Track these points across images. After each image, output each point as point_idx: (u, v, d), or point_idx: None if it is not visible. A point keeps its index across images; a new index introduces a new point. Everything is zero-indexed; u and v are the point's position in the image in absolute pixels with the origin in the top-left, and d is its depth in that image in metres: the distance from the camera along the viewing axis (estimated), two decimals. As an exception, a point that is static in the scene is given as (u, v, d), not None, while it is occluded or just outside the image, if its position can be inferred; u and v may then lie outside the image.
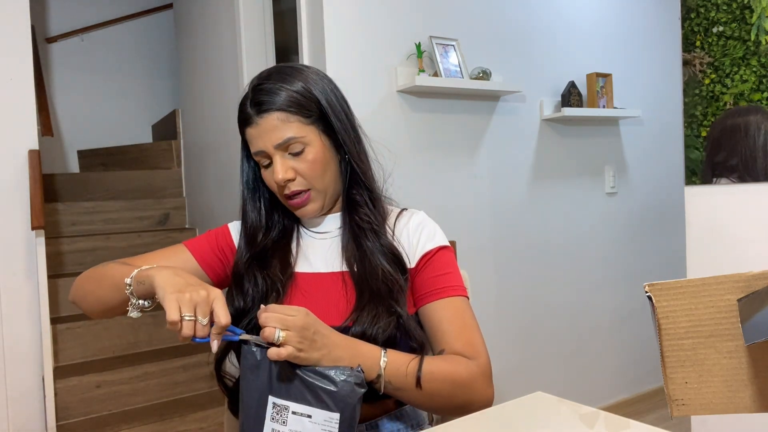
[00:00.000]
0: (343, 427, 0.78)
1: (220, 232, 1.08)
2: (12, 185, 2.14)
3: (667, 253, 2.97)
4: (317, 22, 2.04)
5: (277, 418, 0.81)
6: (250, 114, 0.94)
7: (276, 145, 0.93)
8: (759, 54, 1.49)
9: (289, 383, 0.81)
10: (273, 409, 0.81)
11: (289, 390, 0.81)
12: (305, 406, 0.80)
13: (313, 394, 0.79)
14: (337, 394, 0.78)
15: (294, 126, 0.93)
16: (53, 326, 2.43)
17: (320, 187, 0.97)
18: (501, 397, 0.90)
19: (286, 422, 0.80)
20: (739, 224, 1.55)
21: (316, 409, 0.79)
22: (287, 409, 0.81)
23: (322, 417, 0.79)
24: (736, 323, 0.61)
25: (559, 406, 0.85)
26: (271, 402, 0.81)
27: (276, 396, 0.81)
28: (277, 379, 0.81)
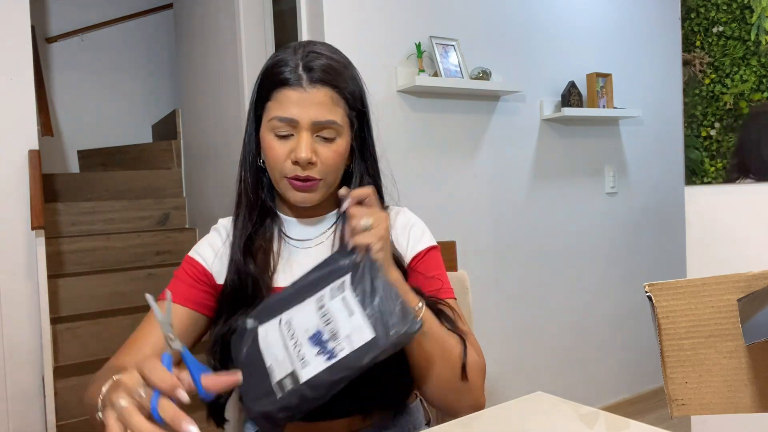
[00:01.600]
0: (364, 351, 0.72)
1: (187, 266, 0.96)
2: (12, 185, 2.14)
3: (667, 253, 2.97)
4: (317, 22, 2.04)
5: (333, 292, 0.78)
6: (300, 76, 0.85)
7: (315, 122, 0.86)
8: (759, 54, 1.49)
9: (370, 277, 0.77)
10: (338, 285, 0.78)
11: (359, 281, 0.77)
12: (357, 302, 0.76)
13: (371, 303, 0.75)
14: (390, 321, 0.73)
15: (340, 112, 0.88)
16: (53, 326, 2.43)
17: (330, 181, 0.91)
18: (501, 397, 0.90)
19: (334, 300, 0.77)
20: (739, 224, 1.55)
21: (362, 314, 0.75)
22: (343, 293, 0.77)
23: (359, 324, 0.74)
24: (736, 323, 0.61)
25: (559, 406, 0.85)
26: (342, 279, 0.78)
27: (347, 277, 0.78)
28: (359, 268, 0.78)
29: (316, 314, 0.77)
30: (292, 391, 0.74)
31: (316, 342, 0.75)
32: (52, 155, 4.09)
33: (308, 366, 0.75)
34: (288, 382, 0.75)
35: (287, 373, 0.76)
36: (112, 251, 3.10)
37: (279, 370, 0.76)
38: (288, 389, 0.75)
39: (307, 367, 0.75)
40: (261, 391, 0.76)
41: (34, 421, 2.14)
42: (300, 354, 0.76)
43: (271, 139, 0.88)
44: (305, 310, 0.79)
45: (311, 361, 0.75)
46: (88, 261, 3.03)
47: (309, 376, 0.74)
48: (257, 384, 0.77)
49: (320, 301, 0.78)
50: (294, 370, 0.75)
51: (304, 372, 0.75)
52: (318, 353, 0.74)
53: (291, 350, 0.76)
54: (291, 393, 0.74)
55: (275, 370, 0.77)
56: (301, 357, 0.75)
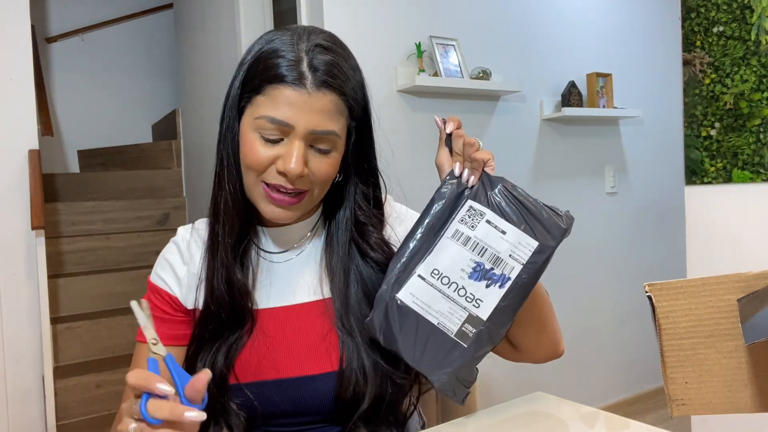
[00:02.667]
0: (536, 259, 0.71)
1: (154, 296, 0.87)
2: (12, 185, 2.14)
3: (667, 253, 2.97)
4: (317, 22, 2.04)
5: (468, 221, 0.73)
6: (303, 75, 0.72)
7: (313, 131, 0.73)
8: (759, 54, 1.49)
9: (503, 201, 0.73)
10: (467, 212, 0.73)
11: (493, 199, 0.73)
12: (503, 220, 0.72)
13: (517, 216, 0.72)
14: (546, 223, 0.72)
15: (342, 122, 0.76)
16: (53, 326, 2.43)
17: (317, 196, 0.79)
18: (501, 397, 0.90)
19: (475, 227, 0.73)
20: (739, 224, 1.55)
21: (514, 227, 0.72)
22: (482, 216, 0.73)
23: (517, 238, 0.71)
24: (736, 323, 0.61)
25: (559, 406, 0.85)
26: (468, 205, 0.74)
27: (476, 201, 0.73)
28: (484, 186, 0.74)
29: (464, 249, 0.73)
30: (478, 334, 0.72)
31: (480, 276, 0.72)
32: (52, 155, 4.09)
33: (483, 302, 0.72)
34: (470, 328, 0.72)
35: (464, 319, 0.72)
36: (112, 251, 3.10)
37: (452, 322, 0.73)
38: (473, 333, 0.72)
39: (483, 304, 0.72)
40: (442, 353, 0.73)
41: (34, 421, 2.14)
42: (468, 295, 0.73)
43: (254, 139, 0.74)
44: (447, 251, 0.74)
45: (484, 297, 0.72)
46: (88, 261, 3.03)
47: (490, 311, 0.72)
48: (434, 348, 0.73)
49: (458, 235, 0.74)
50: (470, 313, 0.72)
51: (482, 310, 0.72)
52: (488, 285, 0.72)
53: (455, 297, 0.73)
54: (478, 336, 0.72)
55: (447, 324, 0.73)
56: (470, 298, 0.72)
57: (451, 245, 0.73)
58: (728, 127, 1.56)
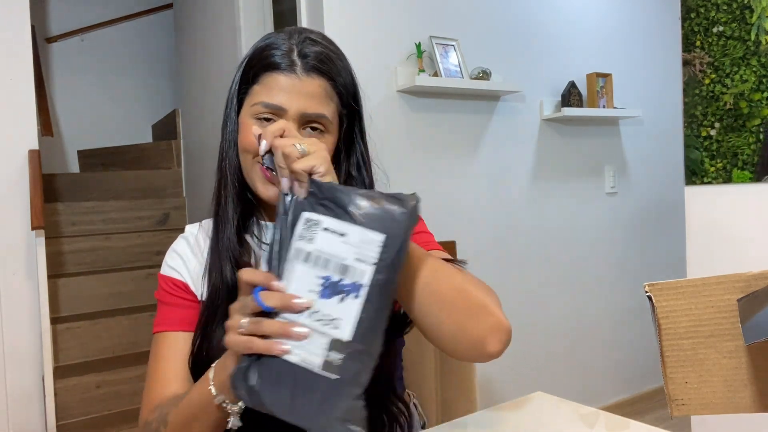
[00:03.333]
0: (387, 253, 0.62)
1: (167, 286, 0.89)
2: (12, 185, 2.14)
3: (667, 253, 2.97)
4: (317, 23, 2.04)
5: (305, 235, 0.65)
6: (293, 62, 0.78)
7: (305, 113, 0.78)
8: (759, 54, 1.49)
9: (331, 196, 0.66)
10: (304, 226, 0.66)
11: (327, 205, 0.66)
12: (341, 222, 0.64)
13: (355, 211, 0.64)
14: (387, 212, 0.64)
15: (331, 107, 0.81)
16: (53, 326, 2.43)
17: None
18: (501, 397, 0.90)
19: (314, 239, 0.65)
20: (739, 224, 1.55)
21: (353, 226, 0.63)
22: (318, 224, 0.65)
23: (359, 237, 0.63)
24: (736, 323, 0.61)
25: (559, 406, 0.85)
26: (304, 218, 0.66)
27: (311, 211, 0.66)
28: (316, 195, 0.67)
29: (308, 267, 0.64)
30: (347, 358, 0.61)
31: (330, 291, 0.63)
32: (52, 155, 4.09)
33: (343, 320, 0.62)
34: (335, 355, 0.61)
35: (326, 347, 0.62)
36: (112, 251, 3.10)
37: (314, 354, 0.62)
38: (341, 360, 0.61)
39: (342, 323, 0.62)
40: (317, 395, 0.62)
41: (34, 421, 2.14)
42: (323, 318, 0.63)
43: (249, 123, 0.79)
44: (292, 275, 0.65)
45: (342, 314, 0.62)
46: (88, 261, 3.03)
47: (353, 328, 0.62)
48: (304, 393, 0.62)
49: (299, 254, 0.65)
50: (331, 338, 0.62)
51: (343, 330, 0.62)
52: (342, 299, 0.62)
53: (311, 324, 0.63)
54: (348, 360, 0.61)
55: (310, 358, 0.62)
56: (327, 320, 0.63)
57: (295, 267, 0.65)
58: (728, 127, 1.56)
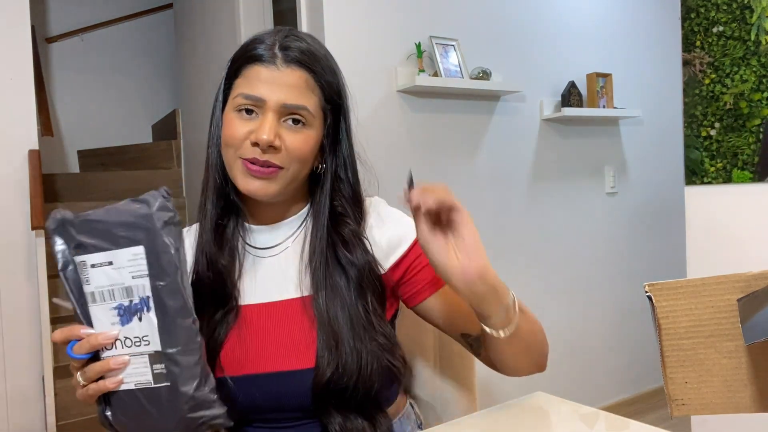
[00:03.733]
0: (154, 258, 0.66)
1: None
2: (12, 185, 2.14)
3: (667, 253, 2.97)
4: (317, 22, 2.04)
5: (82, 278, 0.68)
6: (274, 54, 0.78)
7: (285, 104, 0.78)
8: (759, 54, 1.49)
9: (89, 238, 0.67)
10: (78, 271, 0.69)
11: (84, 243, 0.67)
12: (103, 253, 0.66)
13: (110, 238, 0.66)
14: (134, 221, 0.66)
15: (314, 99, 0.80)
16: (53, 326, 2.43)
17: (293, 174, 0.81)
18: (501, 397, 0.90)
19: (89, 279, 0.67)
20: (739, 224, 1.55)
21: (113, 251, 0.66)
22: (85, 265, 0.67)
23: (124, 257, 0.66)
24: (736, 323, 0.61)
25: (559, 406, 0.85)
26: (77, 262, 0.68)
27: (75, 255, 0.68)
28: (72, 236, 0.68)
29: (99, 306, 0.68)
30: (169, 363, 0.66)
31: (128, 317, 0.67)
32: (52, 155, 4.09)
33: (149, 335, 0.66)
34: (158, 366, 0.67)
35: (148, 363, 0.67)
36: (112, 251, 3.10)
37: (142, 375, 0.67)
38: (165, 367, 0.66)
39: (150, 337, 0.66)
40: (164, 405, 0.67)
41: (34, 421, 2.14)
42: (133, 341, 0.67)
43: (232, 117, 0.80)
44: (94, 319, 0.69)
45: (145, 330, 0.66)
46: (88, 261, 3.02)
47: (158, 338, 0.66)
48: (155, 407, 0.68)
49: (88, 298, 0.69)
50: (147, 354, 0.67)
51: (153, 343, 0.66)
52: (140, 317, 0.66)
53: (127, 351, 0.67)
54: (170, 367, 0.66)
55: (141, 379, 0.67)
56: (137, 341, 0.67)
57: (92, 311, 0.68)
58: (728, 127, 1.56)
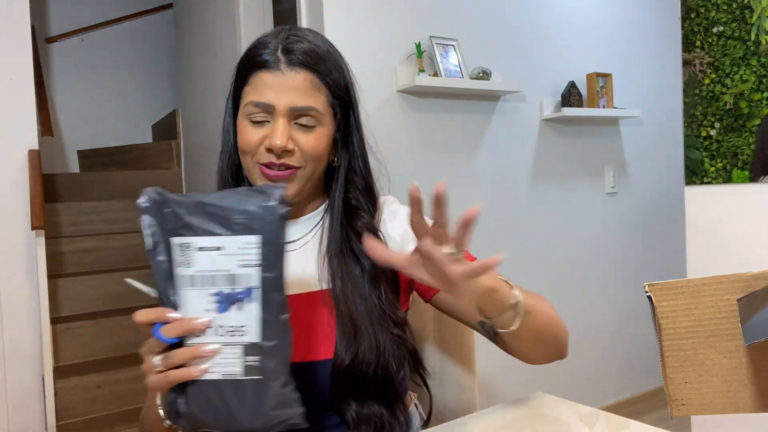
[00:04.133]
0: (268, 250, 0.64)
1: None
2: (12, 185, 2.14)
3: (667, 253, 2.97)
4: (317, 22, 2.04)
5: (182, 260, 0.65)
6: (278, 59, 0.80)
7: (293, 108, 0.79)
8: (759, 54, 1.49)
9: (201, 220, 0.65)
10: (177, 252, 0.65)
11: (193, 224, 0.65)
12: (213, 237, 0.64)
13: (225, 223, 0.64)
14: (255, 211, 0.64)
15: (321, 98, 0.82)
16: (53, 326, 2.43)
17: (310, 172, 0.83)
18: (501, 397, 0.90)
19: (191, 262, 0.65)
20: (739, 224, 1.55)
21: (226, 237, 0.64)
22: (190, 247, 0.65)
23: (236, 245, 0.64)
24: (736, 323, 0.61)
25: (559, 406, 0.85)
26: (176, 244, 0.65)
27: (176, 236, 0.66)
28: (179, 217, 0.66)
29: (196, 290, 0.65)
30: (265, 357, 0.64)
31: (226, 304, 0.64)
32: (52, 155, 4.09)
33: (247, 325, 0.64)
34: (252, 358, 0.64)
35: (241, 354, 0.64)
36: (112, 251, 3.10)
37: (233, 365, 0.64)
38: (260, 360, 0.64)
39: (248, 327, 0.64)
40: (248, 399, 0.64)
41: (34, 421, 2.14)
42: (228, 330, 0.64)
43: (245, 125, 0.82)
44: (185, 302, 0.66)
45: (244, 320, 0.64)
46: (88, 261, 3.03)
47: (259, 328, 0.64)
48: (237, 402, 0.65)
49: (184, 281, 0.66)
50: (242, 345, 0.64)
51: (251, 334, 0.64)
52: (240, 307, 0.64)
53: (219, 339, 0.64)
54: (264, 361, 0.64)
55: (231, 370, 0.64)
56: (232, 330, 0.64)
57: (185, 293, 0.65)
58: (728, 127, 1.56)
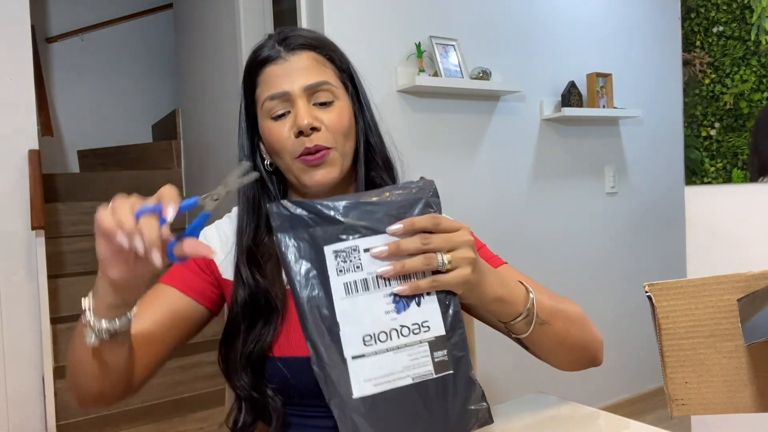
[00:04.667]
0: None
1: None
2: (12, 185, 2.14)
3: (667, 253, 2.97)
4: (317, 23, 2.04)
5: (346, 266, 0.60)
6: (278, 50, 0.82)
7: (307, 86, 0.80)
8: (759, 54, 1.49)
9: (351, 219, 0.61)
10: (336, 260, 0.61)
11: (349, 229, 0.61)
12: (378, 236, 0.61)
13: (379, 217, 0.61)
14: (408, 204, 0.63)
15: (329, 72, 0.83)
16: (53, 326, 2.42)
17: (342, 150, 0.82)
18: (501, 397, 0.90)
19: (360, 266, 0.60)
20: (739, 224, 1.55)
21: (387, 234, 0.61)
22: (356, 250, 0.60)
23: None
24: (736, 323, 0.61)
25: (559, 406, 0.85)
26: (330, 252, 0.60)
27: (334, 242, 0.61)
28: (328, 223, 0.61)
29: (370, 294, 0.61)
30: (452, 349, 0.62)
31: (404, 303, 0.62)
32: (52, 155, 4.08)
33: (430, 320, 0.62)
34: (441, 353, 0.61)
35: (429, 352, 0.61)
36: (112, 251, 3.09)
37: (423, 365, 0.61)
38: (448, 354, 0.62)
39: (431, 322, 0.62)
40: (446, 397, 0.62)
41: (34, 421, 2.14)
42: (412, 329, 0.62)
43: (269, 125, 0.82)
44: (357, 310, 0.61)
45: (426, 315, 0.62)
46: (88, 261, 3.02)
47: (442, 321, 0.62)
48: (435, 402, 0.61)
49: (351, 288, 0.62)
50: (428, 342, 0.62)
51: (435, 328, 0.62)
52: (419, 302, 0.62)
53: (405, 341, 0.61)
54: (454, 350, 0.62)
55: (421, 370, 0.61)
56: (416, 329, 0.61)
57: (354, 302, 0.61)
58: (728, 127, 1.56)
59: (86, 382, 0.73)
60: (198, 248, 0.59)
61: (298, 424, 0.85)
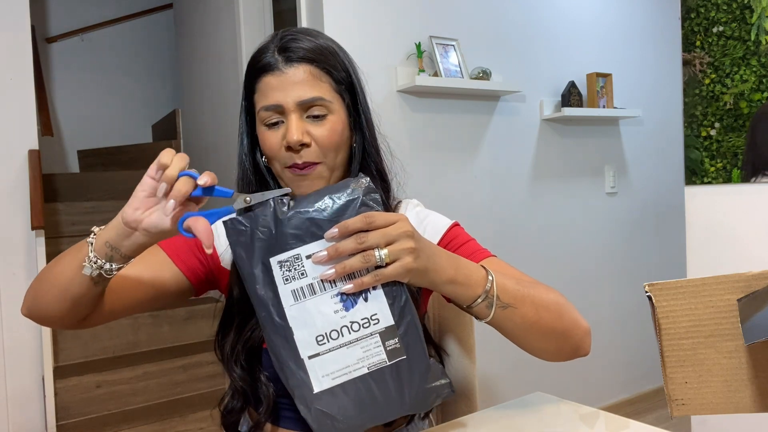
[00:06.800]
0: None
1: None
2: (12, 185, 2.14)
3: (667, 253, 2.97)
4: (317, 22, 2.04)
5: (292, 274, 0.64)
6: (277, 60, 0.82)
7: (300, 102, 0.81)
8: (759, 54, 1.49)
9: (291, 229, 0.65)
10: (281, 270, 0.65)
11: (291, 239, 0.64)
12: (317, 242, 0.64)
13: (319, 222, 0.64)
14: (345, 205, 0.65)
15: (324, 87, 0.83)
16: (53, 326, 2.43)
17: (331, 164, 0.84)
18: (501, 397, 0.89)
19: (304, 272, 0.64)
20: (739, 224, 1.55)
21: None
22: (298, 258, 0.64)
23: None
24: (736, 323, 0.61)
25: (559, 406, 0.85)
26: (276, 263, 0.65)
27: (278, 253, 0.65)
28: (273, 235, 0.65)
29: (318, 297, 0.65)
30: (403, 336, 0.66)
31: (352, 300, 0.65)
32: (52, 155, 4.09)
33: (378, 312, 0.66)
34: (392, 342, 0.65)
35: (381, 342, 0.66)
36: (112, 251, 3.09)
37: (376, 355, 0.65)
38: (399, 341, 0.65)
39: (380, 314, 0.66)
40: (400, 382, 0.66)
41: (34, 421, 2.14)
42: (362, 323, 0.65)
43: (264, 131, 0.84)
44: (307, 314, 0.65)
45: (374, 309, 0.65)
46: (88, 261, 3.02)
47: (389, 313, 0.65)
48: (391, 387, 0.66)
49: (299, 294, 0.66)
50: (378, 333, 0.66)
51: (384, 320, 0.66)
52: (365, 297, 0.65)
53: (357, 336, 0.65)
54: (404, 339, 0.66)
55: (375, 359, 0.65)
56: (366, 323, 0.65)
57: (303, 307, 0.65)
58: (728, 127, 1.56)
59: (48, 302, 0.80)
60: (203, 232, 0.64)
61: (288, 417, 0.86)
